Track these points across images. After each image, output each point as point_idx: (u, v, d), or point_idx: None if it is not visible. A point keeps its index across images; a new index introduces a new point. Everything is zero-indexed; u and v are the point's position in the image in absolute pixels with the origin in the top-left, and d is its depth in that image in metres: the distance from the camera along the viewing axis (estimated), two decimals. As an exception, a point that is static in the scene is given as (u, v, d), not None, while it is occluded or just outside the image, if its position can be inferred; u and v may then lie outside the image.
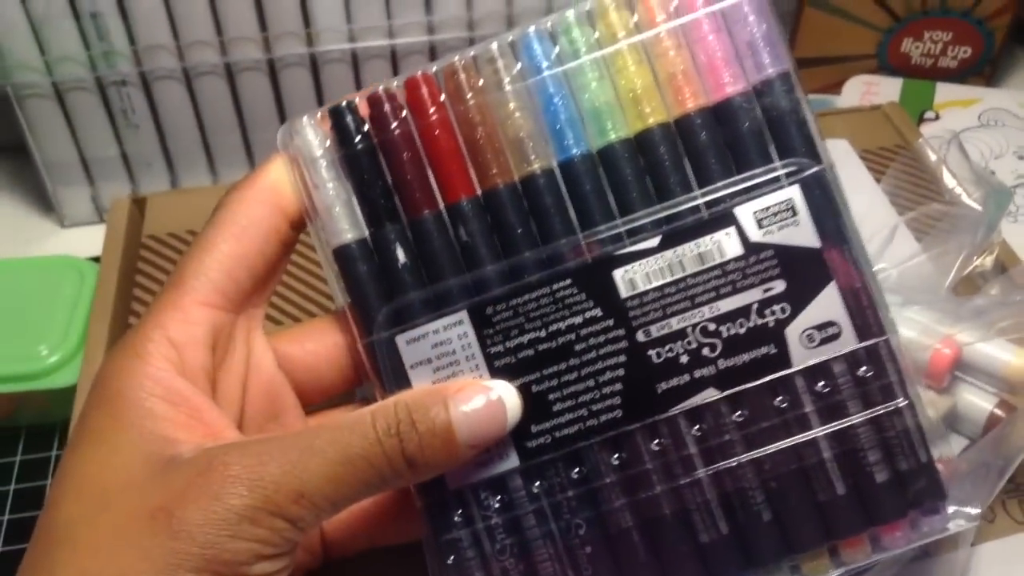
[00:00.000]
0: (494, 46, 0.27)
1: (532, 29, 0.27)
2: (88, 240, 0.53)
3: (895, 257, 0.38)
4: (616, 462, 0.26)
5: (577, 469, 0.26)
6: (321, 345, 0.29)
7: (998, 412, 0.33)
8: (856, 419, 0.26)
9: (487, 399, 0.25)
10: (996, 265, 0.41)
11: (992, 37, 0.63)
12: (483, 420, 0.25)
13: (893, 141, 0.49)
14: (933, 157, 0.42)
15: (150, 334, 0.25)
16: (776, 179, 0.26)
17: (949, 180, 0.41)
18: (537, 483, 0.26)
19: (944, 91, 0.62)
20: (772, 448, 0.27)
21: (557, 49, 0.27)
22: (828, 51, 0.64)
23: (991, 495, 0.30)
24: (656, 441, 0.26)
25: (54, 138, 0.53)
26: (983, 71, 0.64)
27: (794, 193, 0.26)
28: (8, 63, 0.49)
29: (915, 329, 0.33)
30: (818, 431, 0.26)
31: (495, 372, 0.26)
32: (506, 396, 0.26)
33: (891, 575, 0.32)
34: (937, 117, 0.60)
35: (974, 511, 0.30)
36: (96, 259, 0.46)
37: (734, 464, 0.26)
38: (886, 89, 0.62)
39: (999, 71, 0.65)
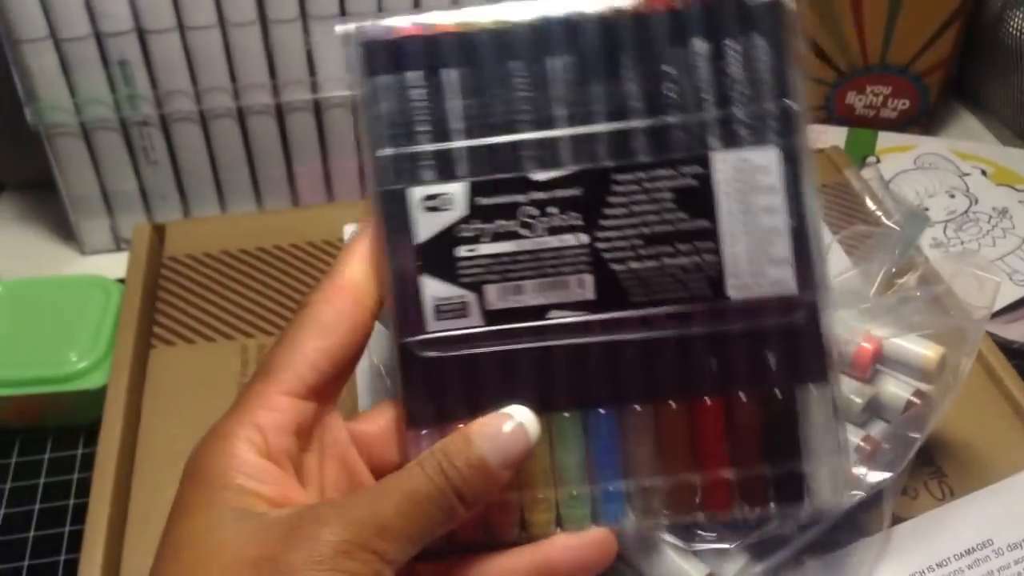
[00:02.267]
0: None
1: None
2: (106, 266, 0.58)
3: (831, 271, 0.44)
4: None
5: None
6: (391, 422, 0.32)
7: (914, 399, 0.38)
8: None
9: (507, 426, 0.28)
10: (920, 283, 0.47)
11: (927, 91, 0.69)
12: (508, 444, 0.28)
13: (833, 179, 0.55)
14: (858, 187, 0.49)
15: (239, 419, 0.28)
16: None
17: (871, 205, 0.47)
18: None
19: (885, 139, 0.68)
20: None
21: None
22: (780, 102, 0.70)
23: (904, 461, 0.35)
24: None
25: (79, 173, 0.58)
26: (921, 121, 0.71)
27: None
28: (41, 105, 0.55)
29: (842, 328, 0.38)
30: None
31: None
32: (523, 418, 0.28)
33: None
34: (878, 161, 0.66)
35: (890, 474, 0.36)
36: (119, 281, 0.51)
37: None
38: (833, 136, 0.69)
39: (935, 121, 0.72)
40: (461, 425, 0.29)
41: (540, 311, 0.30)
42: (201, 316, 0.47)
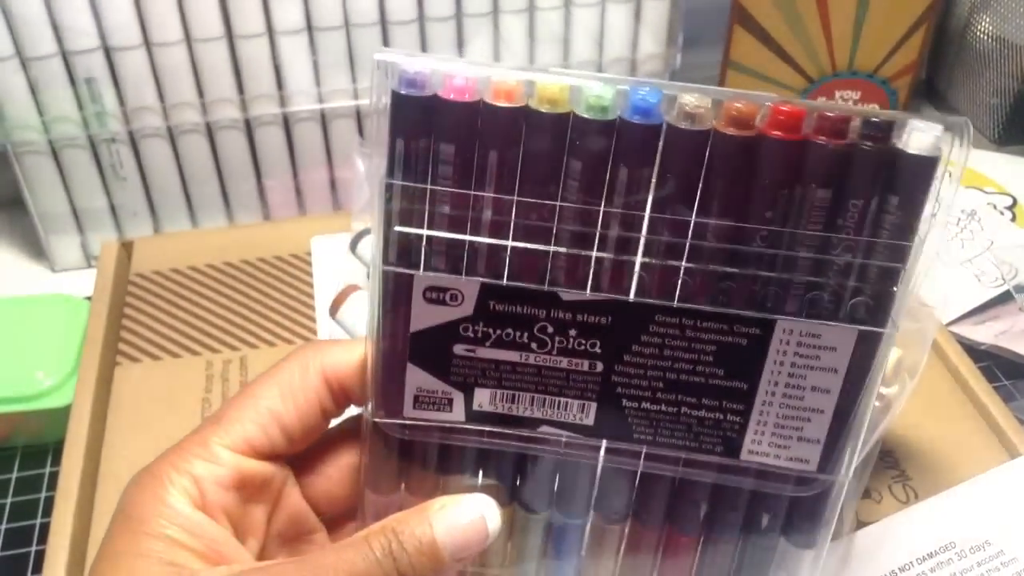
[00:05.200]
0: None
1: None
2: (77, 283, 0.58)
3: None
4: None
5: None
6: (337, 468, 0.30)
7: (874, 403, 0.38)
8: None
9: (468, 516, 0.26)
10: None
11: (896, 95, 0.70)
12: (466, 536, 0.26)
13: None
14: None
15: (177, 465, 0.27)
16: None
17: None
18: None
19: (855, 143, 0.69)
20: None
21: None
22: (750, 109, 0.71)
23: (853, 462, 0.35)
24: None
25: (48, 191, 0.58)
26: (891, 126, 0.71)
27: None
28: (8, 124, 0.55)
29: None
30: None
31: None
32: (485, 509, 0.26)
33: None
34: (848, 166, 0.67)
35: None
36: (87, 299, 0.51)
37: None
38: (803, 142, 0.69)
39: (905, 126, 0.73)
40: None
41: (531, 423, 0.27)
42: (167, 332, 0.47)
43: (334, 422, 0.30)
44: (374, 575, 0.25)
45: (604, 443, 0.27)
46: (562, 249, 0.25)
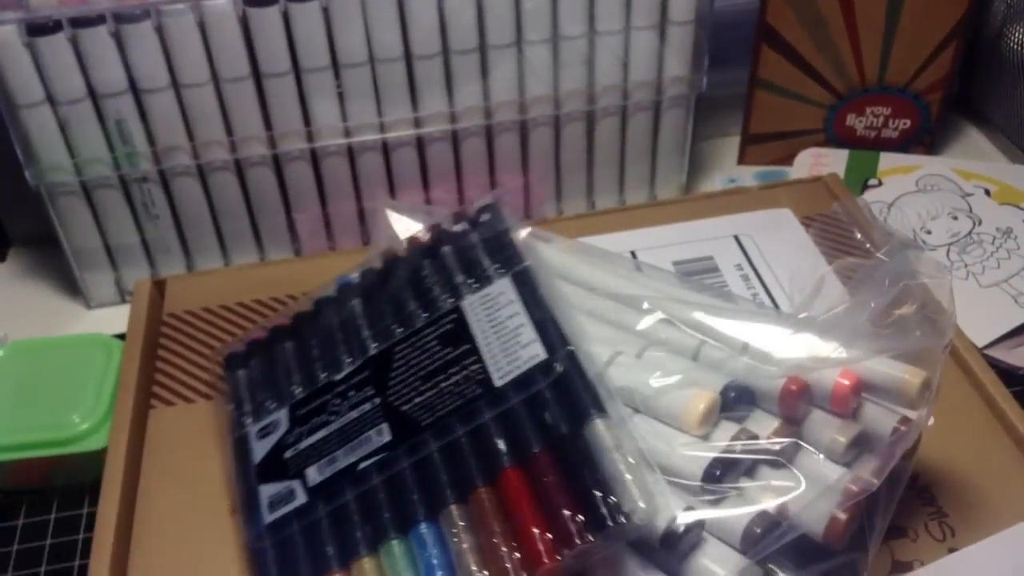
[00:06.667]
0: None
1: None
2: (112, 320, 0.59)
3: (825, 302, 0.43)
4: None
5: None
6: None
7: (900, 427, 0.37)
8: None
9: None
10: (919, 312, 0.46)
11: (928, 109, 0.69)
12: None
13: (830, 208, 0.55)
14: (846, 219, 0.48)
15: None
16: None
17: (860, 237, 0.46)
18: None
19: (887, 160, 0.68)
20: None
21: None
22: (779, 127, 0.70)
23: (882, 475, 0.35)
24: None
25: (82, 230, 0.59)
26: (923, 140, 0.70)
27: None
28: (42, 165, 0.56)
29: (809, 355, 0.37)
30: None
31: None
32: None
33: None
34: (880, 184, 0.66)
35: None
36: (121, 336, 0.51)
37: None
38: (834, 160, 0.68)
39: (939, 139, 0.71)
40: None
41: (352, 468, 0.36)
42: (200, 374, 0.48)
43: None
44: None
45: (406, 444, 0.35)
46: (328, 357, 0.41)
